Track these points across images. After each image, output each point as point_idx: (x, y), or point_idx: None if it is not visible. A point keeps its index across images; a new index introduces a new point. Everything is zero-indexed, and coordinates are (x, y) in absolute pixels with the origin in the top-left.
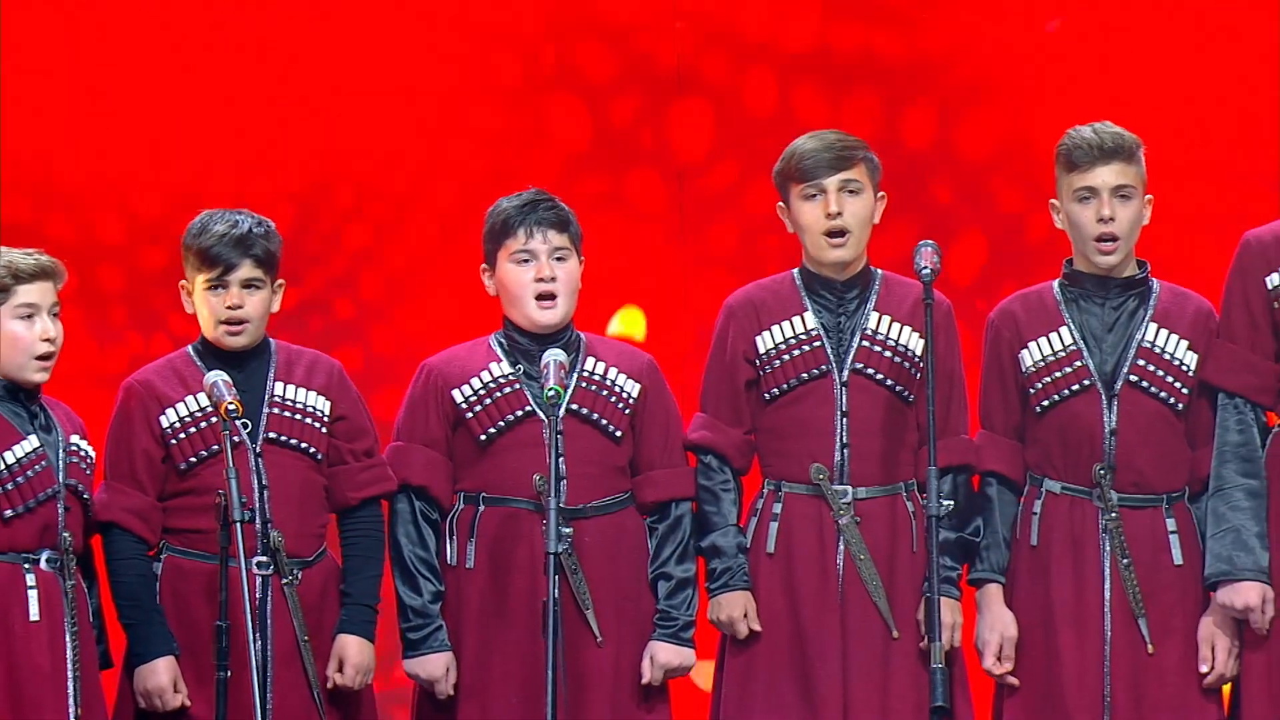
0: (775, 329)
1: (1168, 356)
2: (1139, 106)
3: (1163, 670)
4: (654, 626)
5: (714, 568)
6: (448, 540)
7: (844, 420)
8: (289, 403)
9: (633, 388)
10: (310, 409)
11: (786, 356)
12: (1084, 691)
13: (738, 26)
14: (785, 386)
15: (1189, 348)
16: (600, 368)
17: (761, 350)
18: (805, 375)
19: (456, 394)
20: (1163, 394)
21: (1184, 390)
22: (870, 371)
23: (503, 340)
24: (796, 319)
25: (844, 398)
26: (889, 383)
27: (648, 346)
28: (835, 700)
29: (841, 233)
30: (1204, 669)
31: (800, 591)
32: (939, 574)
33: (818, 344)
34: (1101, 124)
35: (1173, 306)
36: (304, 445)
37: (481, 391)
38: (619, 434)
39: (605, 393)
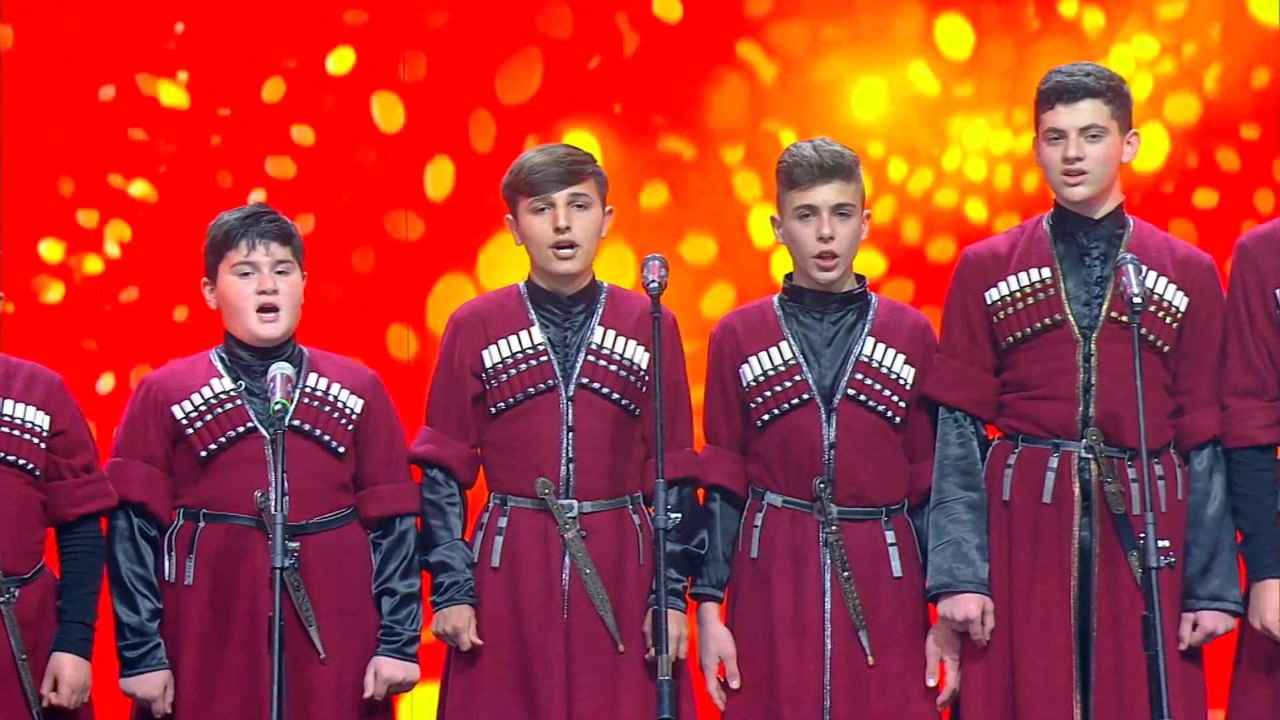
0: (502, 343)
1: (885, 371)
2: None
3: (883, 681)
4: (378, 642)
5: (440, 581)
6: (167, 557)
7: (570, 435)
8: (6, 418)
9: (356, 403)
10: (28, 424)
11: (513, 371)
12: (803, 704)
13: None
14: (511, 401)
15: (906, 362)
16: (323, 383)
17: (488, 364)
18: (532, 390)
19: (177, 410)
20: (881, 408)
21: (902, 404)
22: (596, 386)
23: (224, 355)
24: (524, 333)
25: (570, 412)
26: (615, 397)
27: None
28: (560, 714)
29: (570, 245)
30: (931, 683)
31: (525, 606)
32: (666, 586)
33: (544, 359)
34: (822, 141)
35: (890, 321)
36: (21, 461)
37: (202, 407)
38: (342, 450)
39: (328, 408)
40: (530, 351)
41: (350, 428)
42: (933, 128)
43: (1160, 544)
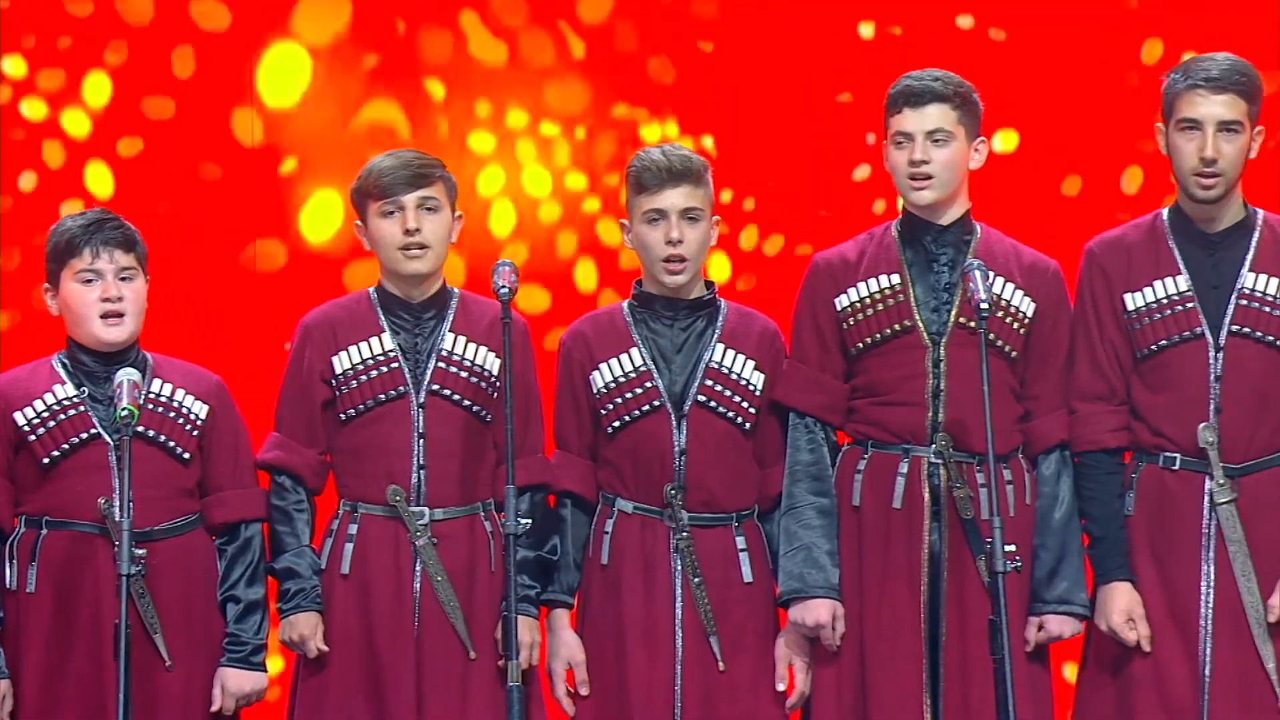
0: (352, 349)
1: (735, 376)
2: None
3: (733, 687)
4: (223, 651)
5: (286, 588)
6: (7, 565)
7: (421, 442)
8: None
9: (200, 409)
10: None
11: (363, 377)
12: (654, 709)
13: None
14: (362, 407)
15: (756, 368)
16: (167, 389)
17: (338, 370)
18: (382, 396)
19: (19, 416)
20: (731, 414)
21: (751, 410)
22: (447, 392)
23: (66, 361)
24: (374, 340)
25: (421, 419)
26: (466, 403)
27: None
28: None
29: (420, 247)
30: (781, 687)
31: (375, 613)
32: (516, 593)
33: (395, 365)
34: (671, 146)
35: (739, 327)
36: None
37: (45, 414)
38: (187, 455)
39: (172, 414)
40: (381, 358)
41: (195, 433)
42: None
43: (1007, 548)
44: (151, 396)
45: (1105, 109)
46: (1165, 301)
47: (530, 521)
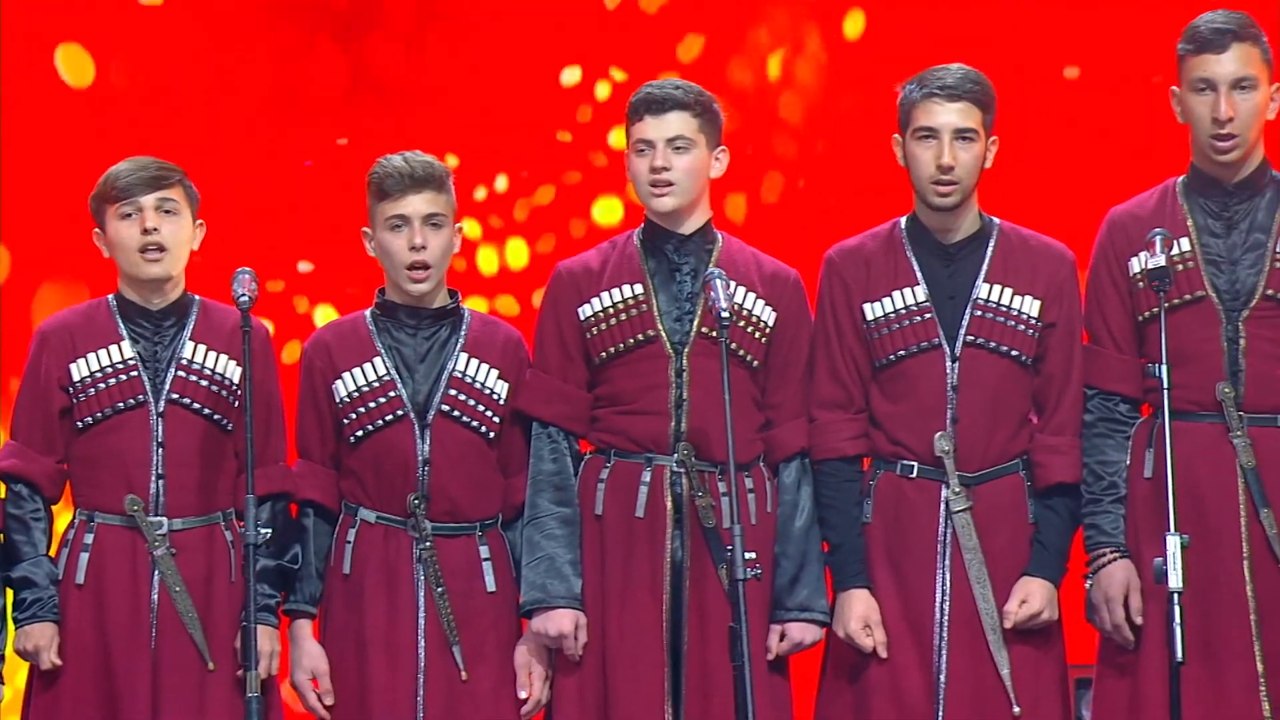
0: (91, 357)
1: (479, 386)
2: None
3: (476, 696)
4: None
5: (22, 598)
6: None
7: (160, 451)
8: None
9: None
10: None
11: (101, 385)
12: (396, 719)
13: None
14: (99, 415)
15: (500, 376)
16: None
17: (75, 378)
18: (120, 405)
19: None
20: (474, 423)
21: (495, 419)
22: (187, 401)
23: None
24: (113, 347)
25: (160, 428)
26: (206, 412)
27: None
28: None
29: (159, 248)
30: (522, 695)
31: (111, 624)
32: (257, 603)
33: (134, 374)
34: (412, 153)
35: (483, 336)
36: None
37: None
38: None
39: None
40: (120, 366)
41: None
42: None
43: (748, 555)
44: None
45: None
46: (903, 312)
47: (271, 531)
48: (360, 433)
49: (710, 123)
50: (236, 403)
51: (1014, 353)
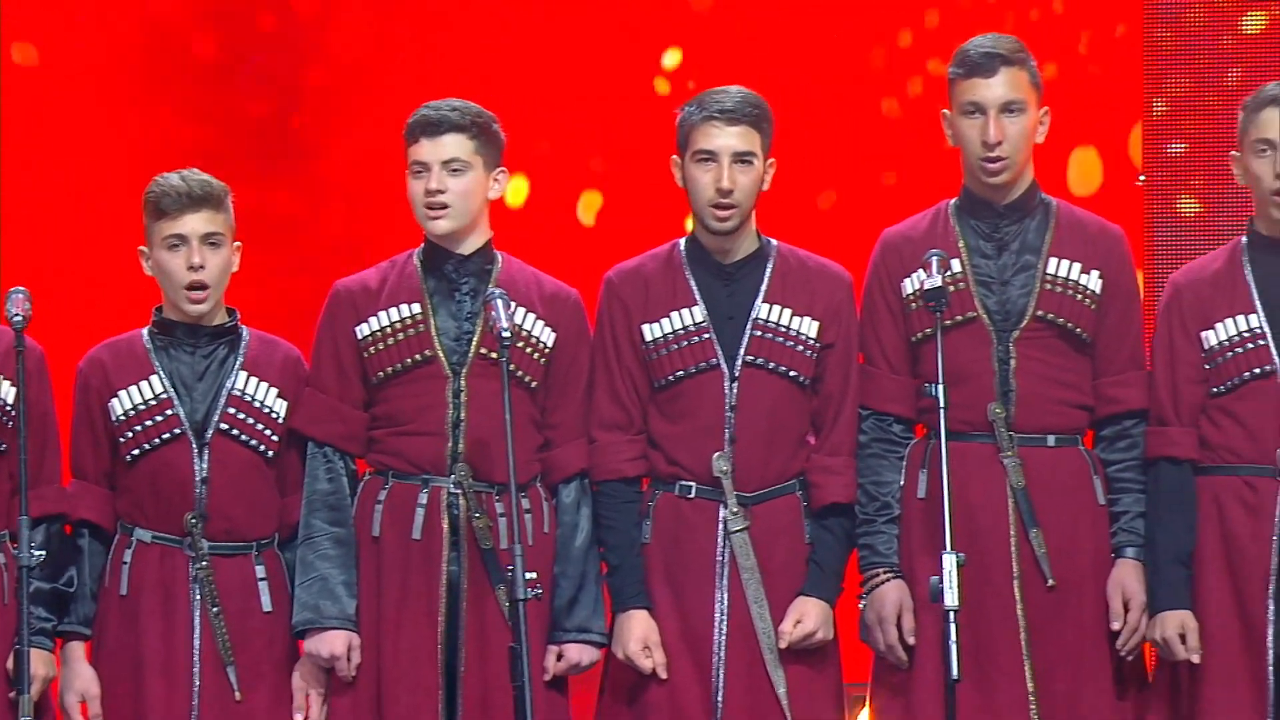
0: None
1: (257, 404)
2: None
3: (251, 716)
4: None
5: None
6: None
7: None
8: None
9: None
10: None
11: None
12: None
13: None
14: None
15: (279, 395)
16: None
17: None
18: None
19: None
20: (253, 442)
21: (274, 438)
22: None
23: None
24: None
25: None
26: None
27: None
28: None
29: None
30: (299, 717)
31: None
32: (31, 625)
33: None
34: (190, 171)
35: (262, 354)
36: None
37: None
38: None
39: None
40: None
41: None
42: None
43: (528, 576)
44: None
45: None
46: (682, 332)
47: (45, 553)
48: (136, 451)
49: (488, 144)
50: (11, 424)
51: (792, 373)
